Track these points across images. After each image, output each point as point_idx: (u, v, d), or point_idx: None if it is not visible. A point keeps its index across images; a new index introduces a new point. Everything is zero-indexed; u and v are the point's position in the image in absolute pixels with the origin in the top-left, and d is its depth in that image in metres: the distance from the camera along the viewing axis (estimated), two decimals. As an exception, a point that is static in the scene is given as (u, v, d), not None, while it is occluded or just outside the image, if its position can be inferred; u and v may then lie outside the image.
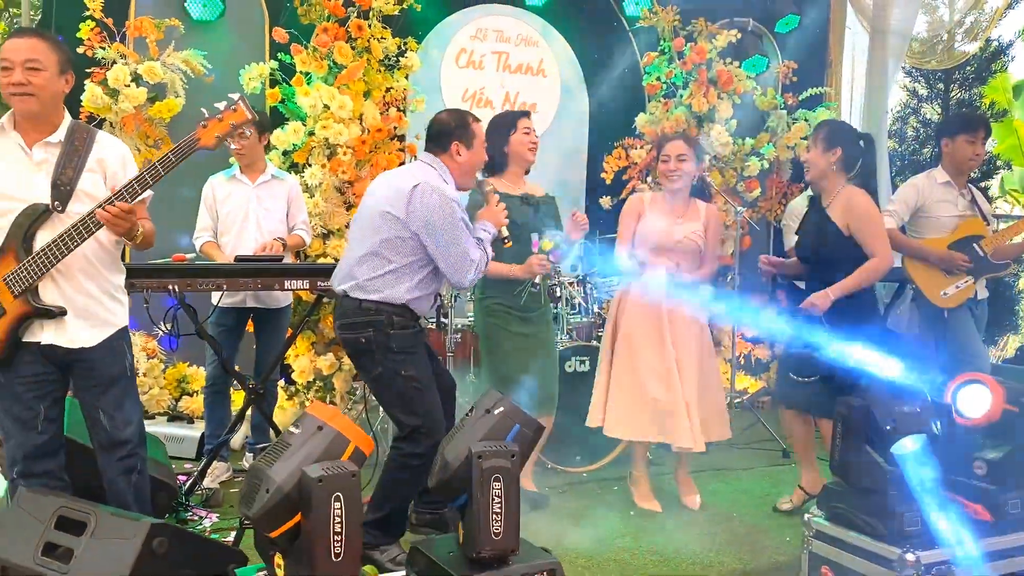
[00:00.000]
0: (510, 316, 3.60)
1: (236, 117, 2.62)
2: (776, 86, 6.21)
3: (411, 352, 3.05)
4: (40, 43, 2.59)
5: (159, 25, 4.63)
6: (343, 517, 2.06)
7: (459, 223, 3.01)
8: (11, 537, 2.48)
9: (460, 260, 3.00)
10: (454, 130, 3.14)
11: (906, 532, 2.83)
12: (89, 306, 2.68)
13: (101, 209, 2.49)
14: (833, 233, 3.59)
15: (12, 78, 2.53)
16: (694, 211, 3.81)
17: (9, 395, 2.67)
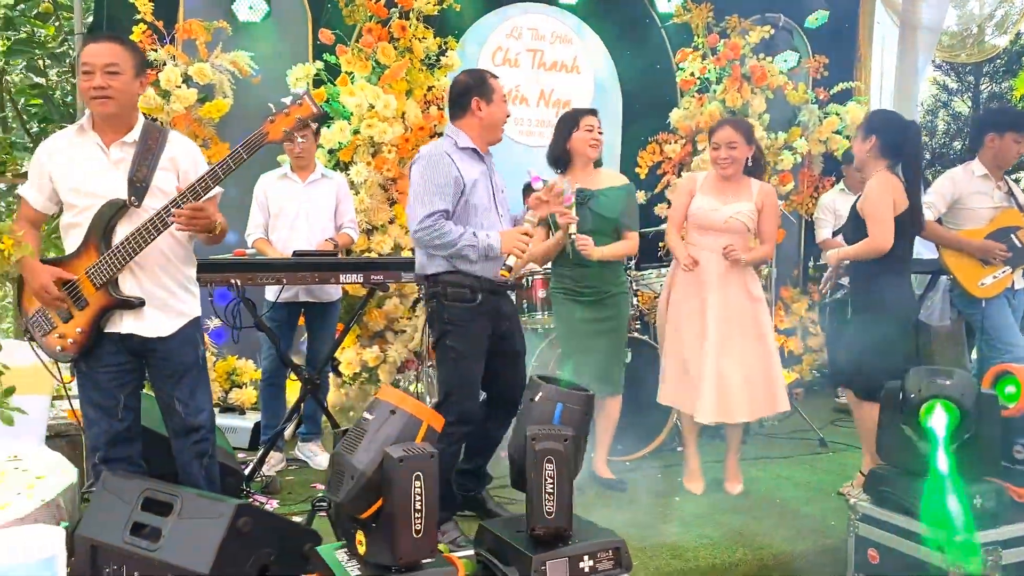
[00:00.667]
0: (575, 303, 3.72)
1: (302, 111, 2.72)
2: (807, 81, 6.27)
3: (459, 324, 3.17)
4: (118, 48, 2.71)
5: (208, 27, 4.75)
6: (423, 495, 2.17)
7: (429, 178, 3.09)
8: (99, 518, 2.60)
9: (411, 207, 3.14)
10: (473, 88, 3.26)
11: (954, 514, 2.92)
12: (165, 297, 2.81)
13: (176, 212, 2.60)
14: (855, 214, 3.70)
15: (93, 82, 2.65)
16: (746, 191, 3.83)
17: (91, 384, 2.81)
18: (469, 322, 3.18)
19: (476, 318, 3.19)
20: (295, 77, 4.80)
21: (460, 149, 3.22)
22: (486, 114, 3.25)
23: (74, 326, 2.73)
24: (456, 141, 3.24)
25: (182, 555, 2.40)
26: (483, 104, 3.24)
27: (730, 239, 3.77)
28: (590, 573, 2.39)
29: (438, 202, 3.10)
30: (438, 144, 3.25)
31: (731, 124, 3.82)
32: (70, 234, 2.77)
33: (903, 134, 3.64)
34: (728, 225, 3.79)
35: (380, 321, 4.88)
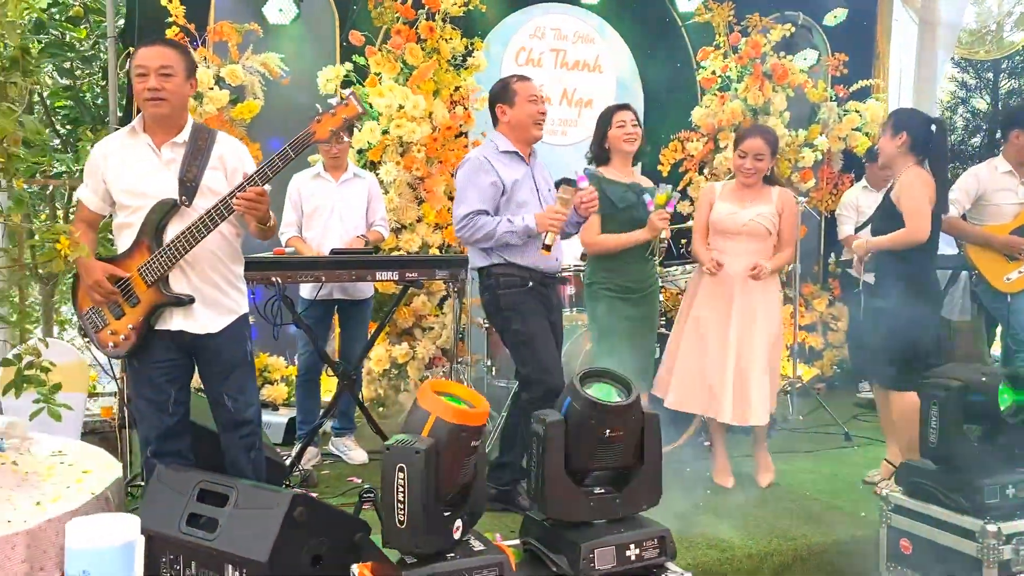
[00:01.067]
0: (616, 300, 3.78)
1: (348, 112, 2.78)
2: (826, 78, 6.31)
3: (516, 309, 3.36)
4: (170, 51, 2.78)
5: (239, 29, 4.83)
6: (405, 487, 2.20)
7: (469, 181, 3.35)
8: (155, 509, 2.68)
9: (460, 201, 3.36)
10: (496, 96, 3.50)
11: (987, 504, 2.97)
12: (214, 294, 2.88)
13: (238, 197, 2.67)
14: (890, 207, 3.73)
15: (147, 84, 2.72)
16: (765, 196, 3.89)
17: (144, 380, 2.88)
18: (524, 303, 3.37)
19: (530, 300, 3.38)
20: (325, 78, 4.88)
21: (500, 153, 3.41)
22: (511, 117, 3.45)
23: (126, 323, 2.80)
24: (497, 146, 3.44)
25: (240, 544, 2.46)
26: (507, 108, 3.45)
27: (751, 242, 3.85)
28: (636, 561, 2.44)
29: (475, 203, 3.31)
30: (481, 149, 3.47)
31: (761, 135, 3.87)
32: (123, 234, 2.84)
33: (931, 131, 3.71)
34: (748, 228, 3.84)
35: (408, 318, 4.95)
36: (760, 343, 3.84)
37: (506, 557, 2.32)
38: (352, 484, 3.91)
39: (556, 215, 3.27)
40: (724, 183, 4.06)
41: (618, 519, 2.51)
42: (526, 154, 3.48)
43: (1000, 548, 2.89)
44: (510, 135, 3.47)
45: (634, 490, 2.51)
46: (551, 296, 3.50)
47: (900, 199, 3.67)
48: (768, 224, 3.86)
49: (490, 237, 3.30)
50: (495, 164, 3.36)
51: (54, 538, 2.56)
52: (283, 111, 5.05)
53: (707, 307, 3.91)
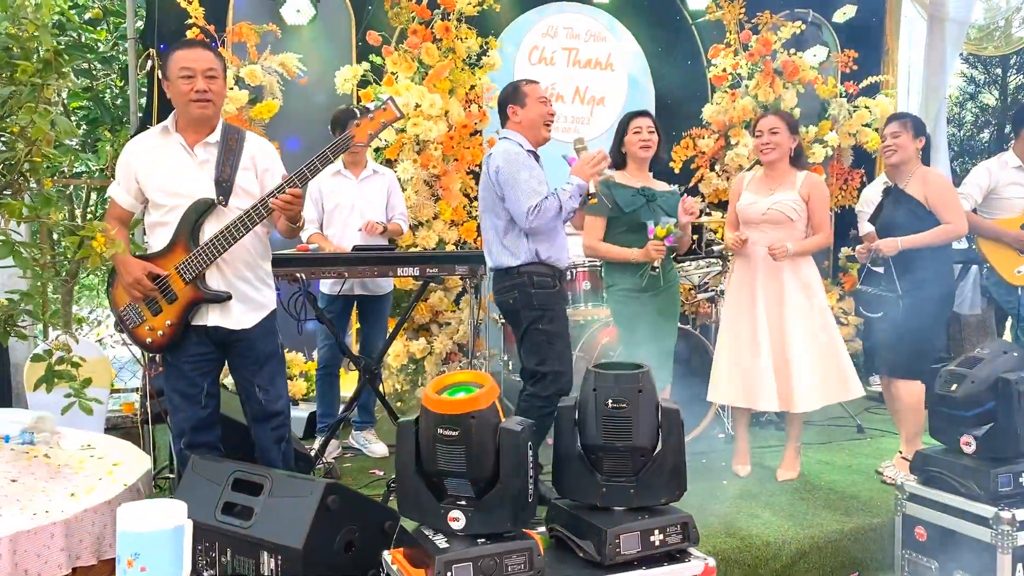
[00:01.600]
0: (634, 299, 3.84)
1: (386, 116, 2.85)
2: (836, 75, 6.37)
3: (548, 309, 3.45)
4: (212, 54, 2.87)
5: (257, 30, 4.90)
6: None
7: (521, 166, 3.38)
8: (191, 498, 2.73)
9: (518, 196, 3.35)
10: (507, 98, 3.59)
11: (1000, 492, 3.03)
12: (248, 291, 2.96)
13: (276, 197, 2.75)
14: (915, 206, 3.84)
15: (196, 85, 2.79)
16: (789, 182, 3.89)
17: (177, 373, 2.96)
18: (555, 305, 3.48)
19: (559, 302, 3.51)
20: (343, 78, 4.95)
21: (525, 151, 3.47)
22: (522, 118, 3.54)
23: (164, 319, 2.87)
24: (520, 143, 3.49)
25: (275, 531, 2.54)
26: (518, 109, 3.53)
27: (774, 230, 3.85)
28: (660, 546, 2.51)
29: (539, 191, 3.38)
30: (507, 146, 3.47)
31: (774, 112, 4.04)
32: (156, 232, 2.91)
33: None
34: (767, 216, 3.85)
35: (426, 314, 5.02)
36: (798, 326, 3.83)
37: (535, 542, 2.39)
38: (374, 476, 3.99)
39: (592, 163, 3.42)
40: (753, 172, 4.10)
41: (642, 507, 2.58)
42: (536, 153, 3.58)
43: (1015, 534, 2.95)
44: (524, 135, 3.54)
45: (650, 481, 2.55)
46: (566, 292, 3.65)
47: (930, 197, 3.83)
48: (789, 211, 3.83)
49: (559, 212, 3.38)
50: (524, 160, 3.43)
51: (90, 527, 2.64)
52: (301, 110, 5.13)
53: (735, 300, 3.99)
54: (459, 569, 2.26)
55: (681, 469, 2.54)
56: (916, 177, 3.92)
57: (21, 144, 2.70)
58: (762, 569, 3.17)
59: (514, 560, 2.34)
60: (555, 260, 3.48)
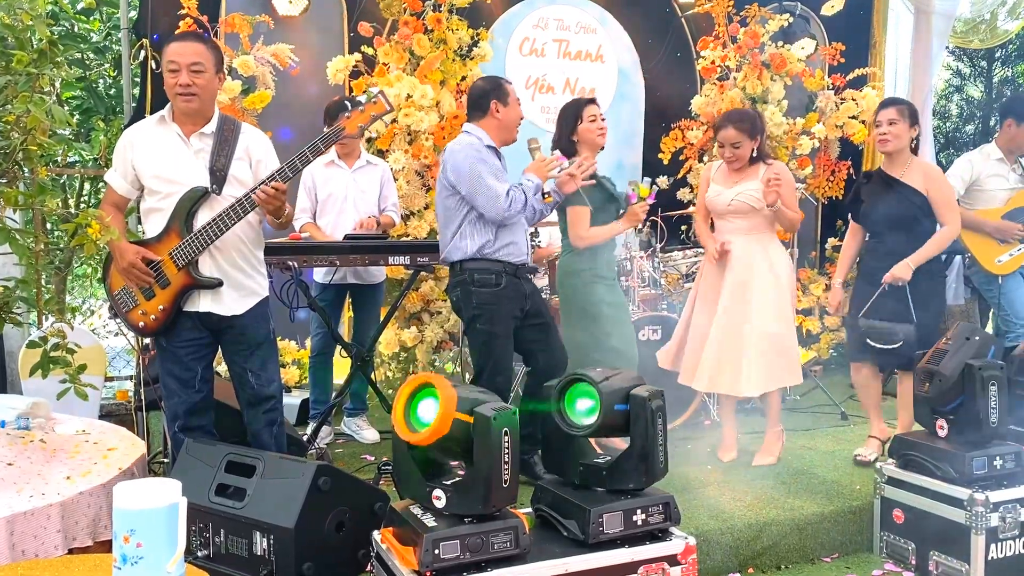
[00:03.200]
0: (596, 284, 3.88)
1: (376, 109, 2.91)
2: (824, 67, 6.43)
3: (488, 309, 3.45)
4: (201, 46, 2.91)
5: (250, 21, 4.93)
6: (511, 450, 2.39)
7: (480, 163, 3.39)
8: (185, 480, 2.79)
9: (488, 193, 3.36)
10: (490, 91, 3.55)
11: (975, 475, 3.12)
12: (240, 278, 3.02)
13: (259, 190, 2.81)
14: (918, 198, 3.84)
15: (180, 79, 2.85)
16: (752, 173, 3.95)
17: (171, 358, 3.02)
18: (496, 305, 3.46)
19: (502, 301, 3.47)
20: (335, 69, 4.99)
21: (485, 146, 3.48)
22: (503, 115, 3.54)
23: (156, 304, 2.93)
24: (480, 138, 3.50)
25: (268, 512, 2.61)
26: (500, 106, 3.53)
27: (739, 220, 3.95)
28: (642, 526, 2.59)
29: (500, 181, 3.41)
30: (467, 139, 3.49)
31: (733, 124, 3.90)
32: (151, 218, 2.97)
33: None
34: (732, 207, 3.94)
35: (417, 302, 5.08)
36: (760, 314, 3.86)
37: (520, 521, 2.46)
38: (365, 462, 4.05)
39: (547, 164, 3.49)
40: (720, 163, 4.10)
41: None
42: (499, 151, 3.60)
43: (988, 516, 3.04)
44: (494, 131, 3.54)
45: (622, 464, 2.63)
46: (522, 286, 3.55)
47: (932, 192, 3.84)
48: (753, 201, 3.89)
49: (526, 206, 3.42)
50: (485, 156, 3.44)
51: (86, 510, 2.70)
52: (293, 101, 5.17)
53: (704, 283, 4.07)
54: (446, 546, 2.33)
55: (652, 455, 2.58)
56: (914, 168, 3.89)
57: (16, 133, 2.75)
58: (743, 550, 3.25)
59: (500, 538, 2.41)
60: (506, 255, 3.46)
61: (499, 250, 3.47)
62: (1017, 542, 3.13)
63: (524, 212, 3.43)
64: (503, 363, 3.51)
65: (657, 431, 2.58)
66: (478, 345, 3.53)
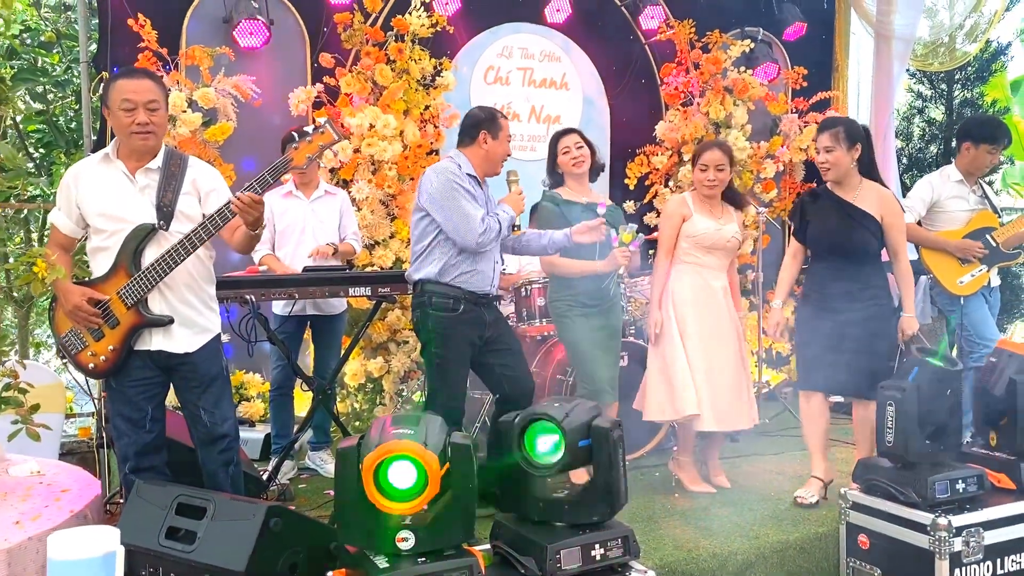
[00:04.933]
0: (579, 315, 3.89)
1: (324, 139, 2.88)
2: (787, 91, 6.50)
3: (442, 333, 3.43)
4: (154, 84, 2.86)
5: (210, 53, 4.91)
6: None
7: (456, 190, 3.39)
8: (135, 523, 2.74)
9: (461, 220, 3.36)
10: (483, 121, 3.56)
11: (938, 500, 3.11)
12: (191, 315, 2.96)
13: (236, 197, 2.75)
14: (872, 224, 3.71)
15: (137, 118, 2.80)
16: (729, 213, 4.04)
17: (121, 398, 2.96)
18: (451, 329, 3.44)
19: (458, 326, 3.44)
20: (296, 100, 4.97)
21: (464, 174, 3.48)
22: (490, 147, 3.54)
23: (106, 344, 2.87)
24: (460, 164, 3.50)
25: (218, 555, 2.54)
26: (489, 138, 3.54)
27: (727, 256, 4.02)
28: (601, 560, 2.55)
29: (479, 209, 3.41)
30: (446, 165, 3.50)
31: (719, 147, 3.96)
32: (97, 257, 2.92)
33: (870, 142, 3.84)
34: (731, 244, 3.99)
35: (383, 332, 5.04)
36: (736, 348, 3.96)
37: (476, 559, 2.41)
38: (328, 497, 3.98)
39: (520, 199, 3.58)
40: (692, 195, 4.06)
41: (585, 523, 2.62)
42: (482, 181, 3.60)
43: (951, 540, 3.03)
44: (478, 161, 3.54)
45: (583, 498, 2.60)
46: (484, 314, 3.52)
47: (891, 222, 3.74)
48: (740, 240, 4.06)
49: (500, 234, 3.45)
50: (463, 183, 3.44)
51: (34, 555, 2.63)
52: (256, 132, 5.14)
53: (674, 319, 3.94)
54: (398, 588, 2.28)
55: (614, 487, 2.55)
56: (867, 191, 3.76)
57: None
58: (709, 580, 3.22)
59: (455, 578, 2.36)
60: (467, 283, 3.44)
61: (460, 276, 3.44)
62: (981, 566, 3.12)
63: (496, 241, 3.45)
64: (456, 388, 3.49)
65: (619, 462, 2.55)
66: (431, 368, 3.52)
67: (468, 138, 3.57)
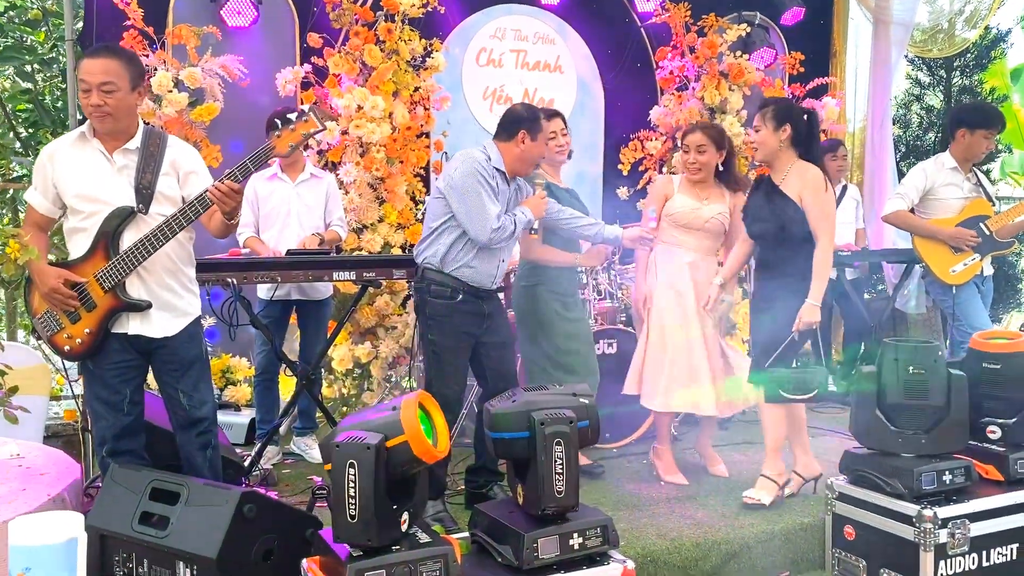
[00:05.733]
0: (555, 301, 3.86)
1: (307, 127, 2.81)
2: (783, 77, 6.42)
3: (440, 320, 3.38)
4: (113, 64, 2.76)
5: (197, 32, 4.84)
6: (356, 484, 2.25)
7: (478, 181, 3.31)
8: (109, 508, 2.71)
9: (477, 213, 3.29)
10: (524, 120, 3.45)
11: (924, 490, 3.07)
12: (170, 298, 2.92)
13: (214, 186, 2.70)
14: (791, 208, 3.53)
15: (90, 100, 2.73)
16: (719, 195, 3.95)
17: (98, 381, 2.92)
18: (448, 317, 3.38)
19: (455, 314, 3.39)
20: (284, 80, 4.90)
21: (492, 167, 3.40)
22: (527, 148, 3.45)
23: (82, 327, 2.83)
24: (490, 157, 3.42)
25: (190, 541, 2.51)
26: (528, 139, 3.44)
27: (708, 239, 3.94)
28: (579, 549, 2.52)
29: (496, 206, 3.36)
30: (475, 155, 3.40)
31: (701, 128, 3.91)
32: (75, 238, 2.87)
33: (807, 123, 3.64)
34: (710, 225, 3.90)
35: (371, 318, 4.99)
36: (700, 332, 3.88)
37: (451, 548, 2.38)
38: (311, 483, 3.95)
39: (542, 201, 3.54)
40: (680, 176, 4.03)
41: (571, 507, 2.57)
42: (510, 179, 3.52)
43: (936, 532, 3.00)
44: (511, 158, 3.45)
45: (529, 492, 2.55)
46: (483, 305, 3.46)
47: (810, 202, 3.51)
48: (725, 223, 3.94)
49: (513, 235, 3.41)
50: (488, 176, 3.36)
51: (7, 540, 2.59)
52: (243, 113, 5.07)
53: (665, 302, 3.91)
54: (371, 576, 2.25)
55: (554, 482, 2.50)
56: (795, 173, 3.57)
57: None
58: (692, 570, 3.19)
59: (429, 567, 2.33)
60: (466, 277, 3.38)
61: (460, 268, 3.38)
62: (967, 558, 3.09)
63: (508, 241, 3.42)
64: (453, 375, 3.42)
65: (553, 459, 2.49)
66: (429, 355, 3.48)
67: (506, 134, 3.46)
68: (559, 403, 2.58)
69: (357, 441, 2.27)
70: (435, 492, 3.40)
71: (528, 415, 2.51)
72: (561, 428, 2.48)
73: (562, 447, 2.46)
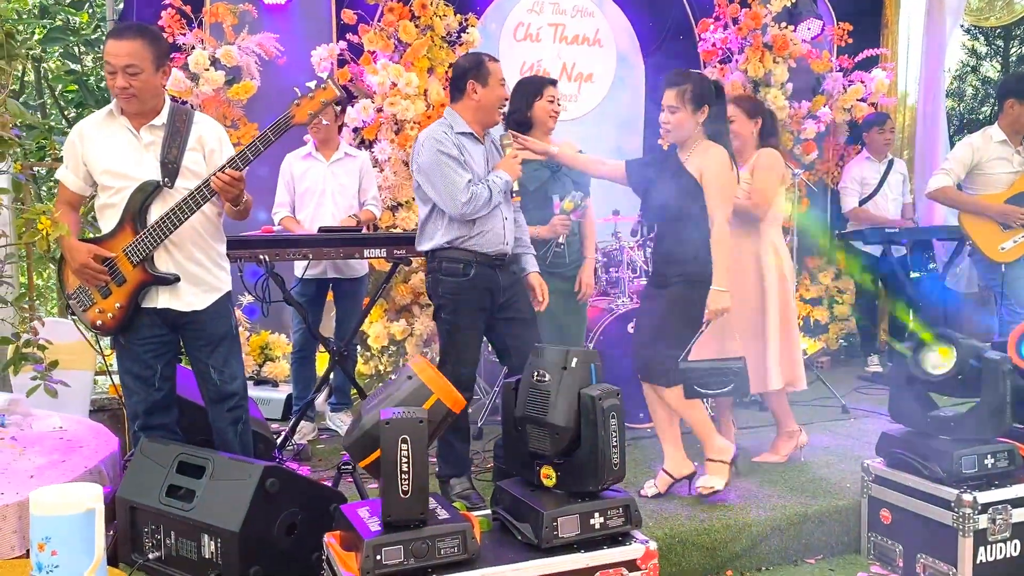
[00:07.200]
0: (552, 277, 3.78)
1: (326, 95, 2.81)
2: (831, 48, 6.23)
3: (452, 297, 3.32)
4: (136, 45, 2.76)
5: (234, 10, 4.86)
6: (410, 457, 2.25)
7: (440, 157, 3.21)
8: (137, 481, 2.77)
9: (445, 189, 3.20)
10: (468, 71, 3.33)
11: (963, 474, 2.97)
12: (199, 273, 2.95)
13: (215, 176, 2.73)
14: (689, 183, 3.32)
15: (116, 82, 2.76)
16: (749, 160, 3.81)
17: (130, 356, 2.96)
18: (461, 295, 3.32)
19: (468, 291, 3.32)
20: (319, 58, 4.90)
21: (457, 134, 3.31)
22: (481, 96, 3.32)
23: (113, 302, 2.87)
24: (452, 125, 3.33)
25: (214, 514, 2.54)
26: (478, 87, 3.31)
27: None
28: (600, 529, 2.49)
29: (464, 176, 3.23)
30: (435, 129, 3.32)
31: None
32: (105, 214, 2.91)
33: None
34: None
35: (407, 295, 5.00)
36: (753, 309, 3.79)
37: (469, 525, 2.37)
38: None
39: (515, 162, 3.39)
40: None
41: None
42: (481, 136, 3.41)
43: (976, 517, 2.90)
44: (471, 114, 3.35)
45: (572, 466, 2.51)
46: (499, 277, 3.37)
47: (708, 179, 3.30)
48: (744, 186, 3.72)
49: (490, 202, 3.25)
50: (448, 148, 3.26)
51: (46, 509, 2.65)
52: (280, 90, 5.04)
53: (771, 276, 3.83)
54: (389, 552, 2.25)
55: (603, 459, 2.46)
56: (700, 150, 3.34)
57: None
58: (721, 551, 3.13)
59: (447, 543, 2.32)
60: (476, 245, 3.29)
61: (469, 239, 3.29)
62: (1008, 545, 2.98)
63: (486, 208, 3.26)
64: (467, 354, 3.37)
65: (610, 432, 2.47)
66: (443, 334, 3.43)
67: (457, 91, 3.36)
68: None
69: (406, 416, 2.27)
70: (460, 469, 3.40)
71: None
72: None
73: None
